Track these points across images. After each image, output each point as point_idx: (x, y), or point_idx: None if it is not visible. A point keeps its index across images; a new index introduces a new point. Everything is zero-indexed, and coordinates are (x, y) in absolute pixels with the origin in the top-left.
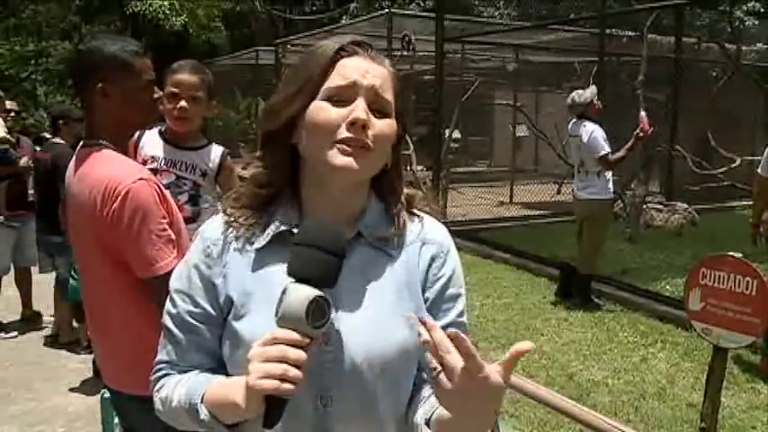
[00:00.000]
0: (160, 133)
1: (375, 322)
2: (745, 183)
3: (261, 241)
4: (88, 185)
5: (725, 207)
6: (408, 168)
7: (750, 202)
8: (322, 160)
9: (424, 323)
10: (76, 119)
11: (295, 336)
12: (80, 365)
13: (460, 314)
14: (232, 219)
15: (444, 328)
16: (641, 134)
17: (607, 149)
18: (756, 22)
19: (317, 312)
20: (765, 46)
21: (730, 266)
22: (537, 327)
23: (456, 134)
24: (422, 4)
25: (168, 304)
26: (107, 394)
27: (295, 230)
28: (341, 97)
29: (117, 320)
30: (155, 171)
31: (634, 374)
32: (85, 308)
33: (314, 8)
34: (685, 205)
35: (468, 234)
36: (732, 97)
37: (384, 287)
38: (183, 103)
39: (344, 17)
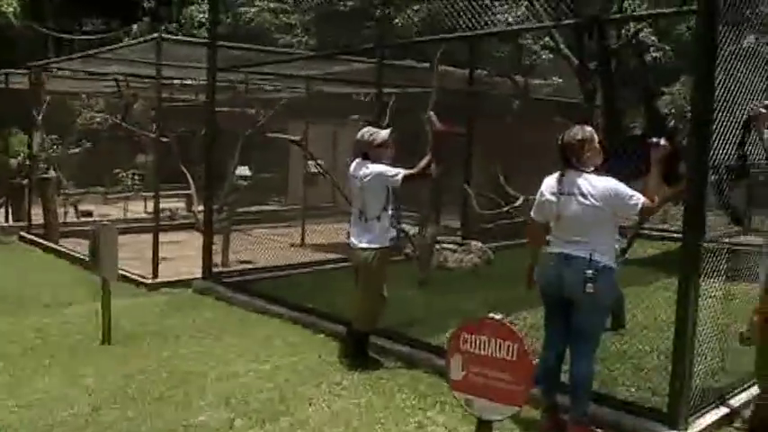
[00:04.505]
0: None
1: None
2: None
3: None
4: None
5: (521, 244)
6: (190, 210)
7: None
8: None
9: None
10: None
11: None
12: None
13: None
14: None
15: None
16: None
17: (401, 170)
18: (552, 56)
19: None
20: (560, 80)
21: (491, 330)
22: (306, 395)
23: (245, 171)
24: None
25: None
26: None
27: None
28: None
29: None
30: None
31: None
32: None
33: (91, 28)
34: (479, 244)
35: (242, 286)
36: (528, 131)
37: None
38: None
39: (127, 38)
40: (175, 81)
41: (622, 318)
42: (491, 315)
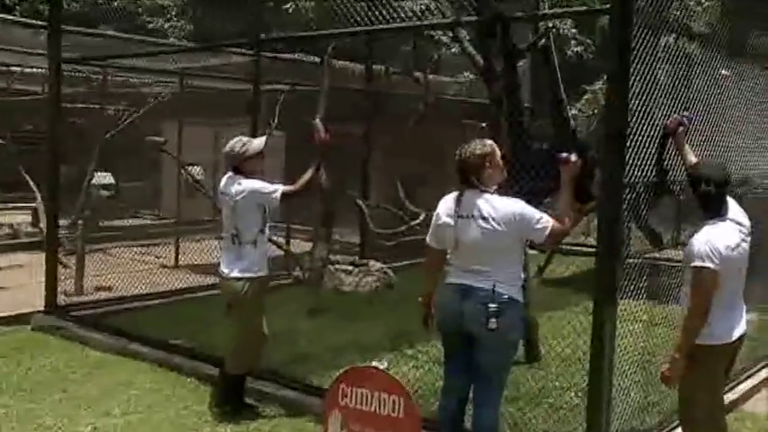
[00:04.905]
0: None
1: None
2: None
3: None
4: None
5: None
6: (37, 225)
7: None
8: None
9: None
10: None
11: None
12: None
13: None
14: None
15: None
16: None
17: (279, 187)
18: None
19: None
20: (471, 76)
21: (373, 383)
22: None
23: (107, 179)
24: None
25: None
26: None
27: None
28: None
29: None
30: None
31: None
32: None
33: None
34: (379, 264)
35: (98, 320)
36: (432, 136)
37: None
38: None
39: None
40: (13, 68)
41: (537, 349)
42: (374, 364)
